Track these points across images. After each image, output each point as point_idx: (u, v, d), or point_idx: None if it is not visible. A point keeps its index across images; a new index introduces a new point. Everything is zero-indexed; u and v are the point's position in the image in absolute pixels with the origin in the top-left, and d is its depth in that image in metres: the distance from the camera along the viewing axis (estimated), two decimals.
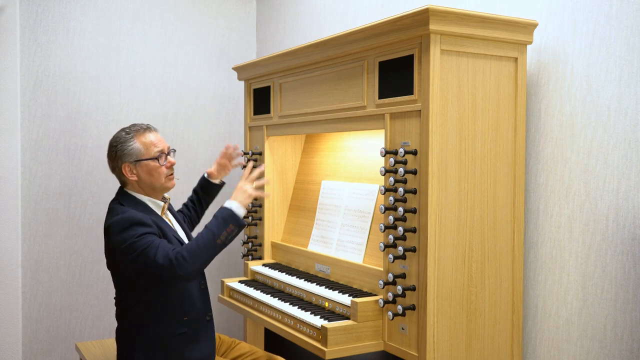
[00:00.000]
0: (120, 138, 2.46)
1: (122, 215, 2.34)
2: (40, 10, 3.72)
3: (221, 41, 4.27)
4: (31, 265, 3.72)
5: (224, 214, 2.31)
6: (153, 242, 2.26)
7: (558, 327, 2.29)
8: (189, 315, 2.42)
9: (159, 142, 2.47)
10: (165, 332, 2.38)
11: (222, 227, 2.28)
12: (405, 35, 2.19)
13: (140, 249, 2.25)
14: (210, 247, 2.25)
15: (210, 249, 2.25)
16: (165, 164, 2.46)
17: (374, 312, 2.35)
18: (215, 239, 2.26)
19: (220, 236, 2.27)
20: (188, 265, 2.20)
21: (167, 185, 2.48)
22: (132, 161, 2.43)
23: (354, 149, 2.95)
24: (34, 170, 3.72)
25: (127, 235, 2.28)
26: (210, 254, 2.26)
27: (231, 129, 4.32)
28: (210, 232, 2.26)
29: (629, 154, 2.06)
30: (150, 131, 2.48)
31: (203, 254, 2.24)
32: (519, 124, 2.31)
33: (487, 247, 2.27)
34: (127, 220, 2.31)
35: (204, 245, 2.24)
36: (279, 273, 3.00)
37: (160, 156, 2.45)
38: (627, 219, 2.07)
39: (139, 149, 2.43)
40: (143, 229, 2.29)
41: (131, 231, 2.28)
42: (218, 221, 2.29)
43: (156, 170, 2.44)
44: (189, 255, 2.21)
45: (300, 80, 2.92)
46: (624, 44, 2.08)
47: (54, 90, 3.76)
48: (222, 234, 2.27)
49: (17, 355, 3.66)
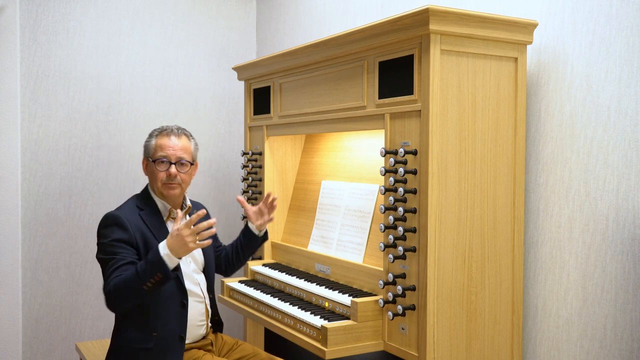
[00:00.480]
0: (150, 133, 2.56)
1: (112, 211, 2.43)
2: (40, 10, 3.72)
3: (221, 41, 4.27)
4: (31, 265, 3.72)
5: (154, 259, 2.18)
6: (114, 259, 2.28)
7: (558, 327, 2.29)
8: (158, 332, 2.37)
9: (170, 148, 2.45)
10: (131, 342, 2.37)
11: (149, 274, 2.18)
12: (405, 35, 2.19)
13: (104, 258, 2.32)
14: (136, 290, 2.19)
15: (135, 292, 2.20)
16: (163, 170, 2.44)
17: (374, 312, 2.35)
18: (141, 284, 2.18)
19: (147, 283, 2.18)
20: (110, 303, 2.25)
21: (164, 192, 2.47)
22: (145, 157, 2.53)
23: (354, 149, 2.95)
24: (34, 170, 3.72)
25: (104, 233, 2.36)
26: (135, 296, 2.21)
27: (231, 129, 4.32)
28: (137, 277, 2.18)
29: (629, 154, 2.06)
30: (170, 136, 2.49)
31: (127, 295, 2.21)
32: (519, 124, 2.31)
33: (487, 247, 2.27)
34: (112, 218, 2.39)
35: (127, 288, 2.20)
36: (279, 273, 3.00)
37: (160, 161, 2.45)
38: (627, 219, 2.07)
39: (151, 148, 2.50)
40: (120, 233, 2.33)
41: (108, 230, 2.36)
42: (146, 266, 2.19)
43: (155, 173, 2.47)
44: (115, 291, 2.21)
45: (300, 80, 2.92)
46: (624, 44, 2.08)
47: (54, 90, 3.76)
48: (149, 281, 2.18)
49: (17, 355, 3.66)
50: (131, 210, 2.44)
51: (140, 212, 2.45)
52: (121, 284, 2.20)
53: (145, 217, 2.44)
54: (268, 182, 3.27)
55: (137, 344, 2.36)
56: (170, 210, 2.52)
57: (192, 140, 2.56)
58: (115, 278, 2.23)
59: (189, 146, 2.53)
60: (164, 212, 2.51)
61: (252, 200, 3.36)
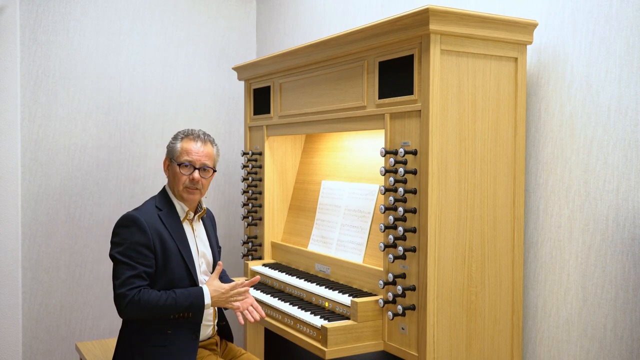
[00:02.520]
0: (176, 134, 2.56)
1: (132, 212, 2.42)
2: (40, 10, 3.72)
3: (221, 41, 4.27)
4: (31, 265, 3.72)
5: (197, 301, 2.35)
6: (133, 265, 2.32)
7: (558, 327, 2.29)
8: (172, 330, 2.39)
9: (195, 154, 2.48)
10: (148, 340, 2.38)
11: (184, 309, 2.34)
12: (405, 35, 2.19)
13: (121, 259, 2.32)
14: (161, 313, 2.32)
15: (159, 313, 2.32)
16: (187, 175, 2.47)
17: (374, 312, 2.35)
18: (169, 314, 2.33)
19: (177, 314, 2.35)
20: (133, 312, 2.29)
21: (183, 195, 2.49)
22: (169, 159, 2.53)
23: (354, 149, 2.95)
24: (34, 170, 3.72)
25: (122, 234, 2.36)
26: (157, 316, 2.33)
27: (231, 129, 4.32)
28: (174, 306, 2.32)
29: (629, 154, 2.06)
30: (197, 141, 2.51)
31: (152, 313, 2.31)
32: (519, 124, 2.31)
33: (487, 247, 2.27)
34: (131, 220, 2.38)
35: (158, 310, 2.31)
36: (279, 273, 3.00)
37: (184, 165, 2.47)
38: (627, 219, 2.07)
39: (176, 150, 2.50)
40: (139, 236, 2.35)
41: (128, 232, 2.36)
42: (185, 302, 2.34)
43: (178, 176, 2.48)
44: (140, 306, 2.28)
45: (300, 80, 2.92)
46: (624, 44, 2.08)
47: (54, 90, 3.76)
48: (180, 313, 2.35)
49: (17, 355, 3.66)
50: (150, 211, 2.45)
51: (159, 212, 2.46)
52: (152, 303, 2.29)
53: (164, 218, 2.46)
54: (268, 182, 3.27)
55: (152, 343, 2.38)
56: (188, 212, 2.53)
57: (215, 147, 2.60)
58: (145, 292, 2.29)
59: (213, 153, 2.56)
60: (181, 214, 2.52)
61: (252, 200, 3.36)
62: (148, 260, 2.36)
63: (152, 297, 2.29)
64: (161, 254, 2.39)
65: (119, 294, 2.29)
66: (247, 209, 3.38)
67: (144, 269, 2.34)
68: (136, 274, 2.31)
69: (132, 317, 2.32)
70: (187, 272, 2.43)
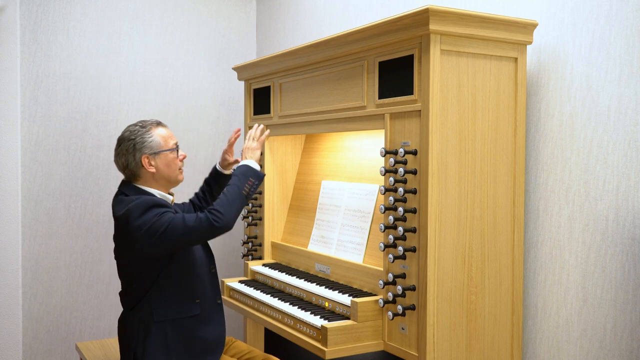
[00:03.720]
0: (138, 131, 2.48)
1: (139, 199, 2.38)
2: (40, 10, 3.72)
3: (221, 41, 4.27)
4: (31, 265, 3.72)
5: (243, 170, 2.50)
6: (175, 215, 2.35)
7: (558, 327, 2.29)
8: (200, 299, 2.50)
9: (172, 136, 2.56)
10: (179, 313, 2.45)
11: (243, 181, 2.46)
12: (405, 35, 2.19)
13: (165, 225, 2.31)
14: (238, 198, 2.42)
15: (238, 200, 2.41)
16: (180, 157, 2.55)
17: (374, 312, 2.35)
18: (240, 191, 2.44)
19: (244, 188, 2.46)
20: (223, 217, 2.34)
21: (179, 178, 2.56)
22: (152, 153, 2.46)
23: (354, 149, 2.95)
24: (34, 170, 3.72)
25: (149, 217, 2.33)
26: (239, 204, 2.42)
27: (231, 129, 4.31)
28: (235, 187, 2.44)
29: (629, 154, 2.06)
30: (162, 125, 2.56)
31: (234, 205, 2.39)
32: (519, 124, 2.31)
33: (487, 247, 2.27)
34: (147, 202, 2.37)
35: (232, 198, 2.40)
36: (279, 273, 3.00)
37: (176, 148, 2.53)
38: (627, 219, 2.07)
39: (158, 141, 2.49)
40: (163, 209, 2.37)
41: (151, 212, 2.35)
42: (239, 177, 2.47)
43: (174, 162, 2.51)
44: (222, 208, 2.36)
45: (300, 80, 2.92)
46: (624, 44, 2.08)
47: (54, 90, 3.76)
48: (245, 186, 2.46)
49: (17, 355, 3.66)
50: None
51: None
52: (224, 200, 2.39)
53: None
54: (268, 182, 3.27)
55: (182, 314, 2.46)
56: (172, 200, 2.59)
57: None
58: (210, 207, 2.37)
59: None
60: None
61: (252, 200, 3.36)
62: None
63: (221, 199, 2.39)
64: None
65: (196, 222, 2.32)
66: (247, 209, 3.38)
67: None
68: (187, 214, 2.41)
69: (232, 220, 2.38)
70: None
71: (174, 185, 2.56)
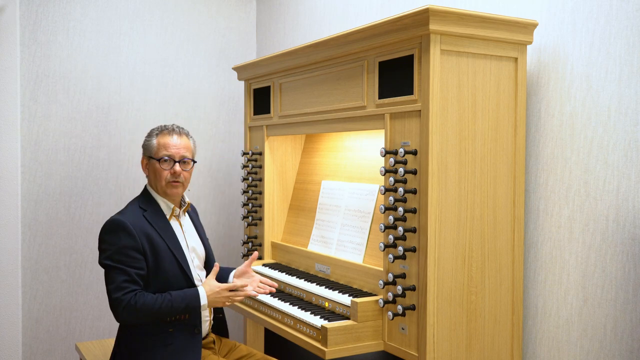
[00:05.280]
0: (150, 132, 2.55)
1: (116, 216, 2.40)
2: (40, 10, 3.72)
3: (221, 41, 4.27)
4: (31, 265, 3.72)
5: (193, 303, 2.35)
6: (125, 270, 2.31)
7: (558, 327, 2.29)
8: (175, 328, 2.40)
9: (173, 147, 2.48)
10: (147, 342, 2.38)
11: (180, 311, 2.35)
12: (405, 35, 2.19)
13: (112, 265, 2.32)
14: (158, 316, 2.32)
15: (156, 316, 2.32)
16: (168, 169, 2.47)
17: (374, 312, 2.35)
18: (168, 315, 2.33)
19: (173, 315, 2.36)
20: (130, 317, 2.29)
21: (167, 190, 2.49)
22: (147, 157, 2.52)
23: (354, 149, 2.95)
24: (34, 170, 3.72)
25: (109, 240, 2.35)
26: (154, 319, 2.34)
27: (231, 129, 4.32)
28: (169, 307, 2.31)
29: (629, 154, 2.06)
30: (172, 134, 2.51)
31: (149, 316, 2.31)
32: (519, 124, 2.31)
33: (487, 247, 2.27)
34: (116, 224, 2.36)
35: (156, 311, 2.30)
36: (279, 273, 3.00)
37: (164, 160, 2.46)
38: (627, 219, 2.07)
39: (153, 147, 2.49)
40: (127, 240, 2.34)
41: (115, 237, 2.34)
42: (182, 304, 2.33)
43: (159, 172, 2.47)
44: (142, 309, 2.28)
45: (300, 80, 2.92)
46: (624, 44, 2.08)
47: (53, 90, 3.76)
48: (176, 315, 2.37)
49: (17, 355, 3.66)
50: (135, 213, 2.43)
51: (144, 212, 2.45)
52: (149, 306, 2.28)
53: (150, 218, 2.44)
54: (268, 182, 3.27)
55: (154, 342, 2.38)
56: (174, 209, 2.53)
57: (191, 139, 2.60)
58: (141, 296, 2.29)
59: (190, 144, 2.56)
60: (166, 211, 2.51)
61: (252, 200, 3.36)
62: (139, 263, 2.34)
63: (147, 300, 2.29)
64: (151, 254, 2.38)
65: (114, 299, 2.29)
66: (247, 209, 3.38)
67: (136, 271, 2.33)
68: (129, 278, 2.31)
69: (129, 321, 2.32)
70: (180, 269, 2.43)
71: (167, 196, 2.50)
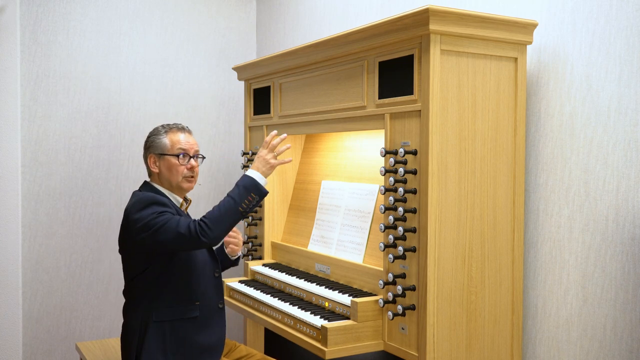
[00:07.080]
0: (156, 131, 2.58)
1: (144, 194, 2.43)
2: (40, 10, 3.72)
3: (221, 41, 4.27)
4: (31, 265, 3.72)
5: (246, 182, 2.37)
6: (173, 217, 2.33)
7: (558, 327, 2.29)
8: (200, 301, 2.47)
9: (186, 143, 2.54)
10: (177, 314, 2.43)
11: (243, 196, 2.35)
12: (405, 35, 2.19)
13: (160, 224, 2.31)
14: (232, 214, 2.33)
15: (231, 216, 2.33)
16: (185, 164, 2.52)
17: (374, 312, 2.35)
18: (237, 206, 2.33)
19: (242, 204, 2.34)
20: (211, 232, 2.28)
21: (183, 185, 2.53)
22: (157, 154, 2.53)
23: (354, 149, 2.95)
24: (34, 170, 3.72)
25: (146, 213, 2.35)
26: (232, 220, 2.34)
27: (231, 129, 4.32)
28: (232, 200, 2.33)
29: (629, 154, 2.06)
30: (182, 132, 2.57)
31: (225, 221, 2.32)
32: (519, 124, 2.31)
33: (487, 247, 2.27)
34: (148, 199, 2.39)
35: (226, 212, 2.32)
36: (279, 273, 3.00)
37: (181, 155, 2.51)
38: (627, 219, 2.07)
39: (166, 144, 2.52)
40: (162, 208, 2.37)
41: (150, 209, 2.36)
42: (240, 190, 2.36)
43: (175, 167, 2.51)
44: (211, 222, 2.29)
45: (300, 80, 2.92)
46: (624, 44, 2.08)
47: (53, 90, 3.76)
48: (244, 202, 2.35)
49: (17, 355, 3.66)
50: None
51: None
52: (216, 214, 2.30)
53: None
54: (268, 182, 3.26)
55: (181, 316, 2.43)
56: (182, 203, 2.58)
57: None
58: (202, 217, 2.31)
59: (196, 141, 2.63)
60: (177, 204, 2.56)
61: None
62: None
63: (212, 213, 2.32)
64: None
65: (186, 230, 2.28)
66: None
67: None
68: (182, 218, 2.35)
69: (219, 235, 2.31)
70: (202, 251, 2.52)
71: (179, 190, 2.55)
